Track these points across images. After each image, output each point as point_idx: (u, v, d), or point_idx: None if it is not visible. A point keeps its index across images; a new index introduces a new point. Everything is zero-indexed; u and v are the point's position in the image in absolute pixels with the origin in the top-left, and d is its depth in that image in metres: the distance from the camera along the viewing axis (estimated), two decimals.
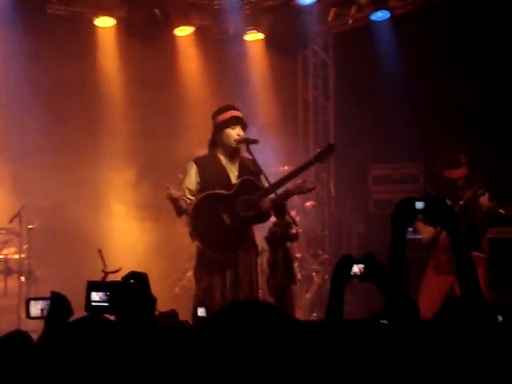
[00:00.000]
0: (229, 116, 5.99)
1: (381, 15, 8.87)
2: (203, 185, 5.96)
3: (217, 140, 6.04)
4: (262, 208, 5.91)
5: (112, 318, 2.47)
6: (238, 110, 6.10)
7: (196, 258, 6.05)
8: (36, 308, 2.78)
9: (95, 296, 2.55)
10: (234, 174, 6.03)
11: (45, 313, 2.74)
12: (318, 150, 6.09)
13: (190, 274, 8.38)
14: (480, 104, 8.48)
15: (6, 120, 8.48)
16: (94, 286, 2.58)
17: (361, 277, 2.84)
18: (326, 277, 8.93)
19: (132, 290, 2.44)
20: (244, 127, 6.03)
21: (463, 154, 6.51)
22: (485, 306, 2.58)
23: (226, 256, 5.87)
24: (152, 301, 2.45)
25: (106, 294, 2.54)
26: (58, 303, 2.67)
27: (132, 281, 2.48)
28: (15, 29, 8.12)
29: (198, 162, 6.06)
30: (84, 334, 2.09)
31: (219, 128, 6.00)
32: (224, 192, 5.93)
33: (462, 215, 6.33)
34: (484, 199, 6.29)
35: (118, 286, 2.50)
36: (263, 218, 6.04)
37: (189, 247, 7.70)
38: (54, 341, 2.16)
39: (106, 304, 2.53)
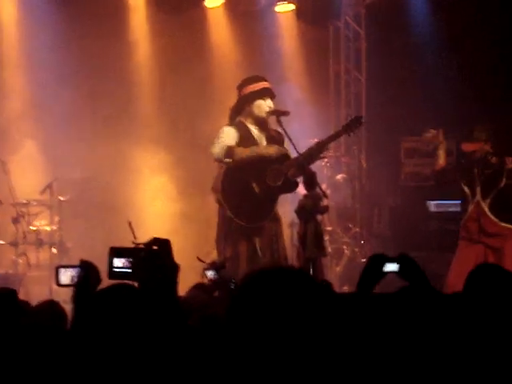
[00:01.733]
0: (261, 87, 5.93)
1: None
2: None
3: (243, 110, 5.96)
4: (289, 177, 5.84)
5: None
6: (267, 81, 6.04)
7: (218, 228, 5.96)
8: (66, 275, 2.76)
9: (118, 262, 2.49)
10: (262, 144, 5.97)
11: (74, 280, 2.70)
12: (346, 122, 6.02)
13: None
14: None
15: (40, 92, 8.50)
16: (116, 252, 2.52)
17: (397, 273, 2.76)
18: (356, 249, 8.87)
19: (154, 255, 2.40)
20: (273, 98, 5.96)
21: (481, 127, 6.35)
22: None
23: (253, 225, 5.82)
24: (174, 267, 2.41)
25: (129, 261, 2.50)
26: (86, 270, 2.65)
27: (155, 247, 2.44)
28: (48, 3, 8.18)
29: (233, 126, 5.95)
30: (112, 302, 2.08)
31: (248, 98, 5.92)
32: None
33: (490, 185, 6.23)
34: (509, 161, 6.15)
35: (140, 252, 2.45)
36: (291, 187, 5.96)
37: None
38: (83, 310, 2.15)
39: (129, 270, 2.48)
